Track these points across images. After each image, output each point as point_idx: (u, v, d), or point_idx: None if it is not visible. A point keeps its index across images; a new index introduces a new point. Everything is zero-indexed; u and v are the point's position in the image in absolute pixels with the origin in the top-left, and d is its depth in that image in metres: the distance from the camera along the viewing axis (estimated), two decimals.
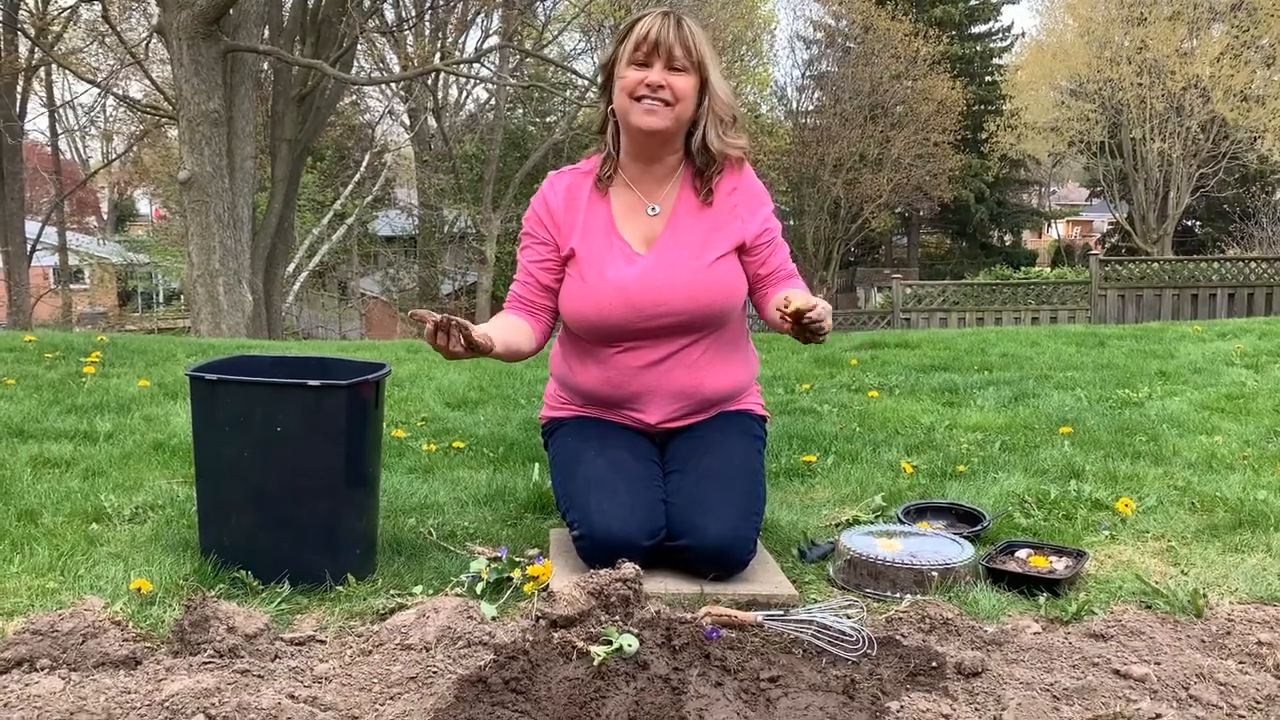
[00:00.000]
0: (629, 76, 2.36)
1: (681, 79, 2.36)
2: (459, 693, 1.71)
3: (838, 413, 4.18)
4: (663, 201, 2.47)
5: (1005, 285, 18.14)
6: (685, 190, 2.48)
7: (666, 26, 2.35)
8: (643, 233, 2.46)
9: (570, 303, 2.45)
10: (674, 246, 2.43)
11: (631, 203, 2.48)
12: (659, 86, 2.34)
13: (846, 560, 2.33)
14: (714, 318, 2.44)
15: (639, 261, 2.42)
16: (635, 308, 2.38)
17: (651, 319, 2.39)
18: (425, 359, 5.70)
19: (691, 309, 2.40)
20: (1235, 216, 27.12)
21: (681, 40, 2.35)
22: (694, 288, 2.39)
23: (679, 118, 2.38)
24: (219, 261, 10.84)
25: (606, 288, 2.40)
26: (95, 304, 32.64)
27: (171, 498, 2.82)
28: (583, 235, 2.45)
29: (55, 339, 5.96)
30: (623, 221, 2.46)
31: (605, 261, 2.42)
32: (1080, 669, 1.88)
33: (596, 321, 2.41)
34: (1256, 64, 25.40)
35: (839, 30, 29.93)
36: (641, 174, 2.47)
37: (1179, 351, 5.76)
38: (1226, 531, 2.63)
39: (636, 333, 2.41)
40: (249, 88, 12.03)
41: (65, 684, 1.74)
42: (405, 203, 30.52)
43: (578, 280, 2.44)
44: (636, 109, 2.36)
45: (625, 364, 2.44)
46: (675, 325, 2.40)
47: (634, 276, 2.40)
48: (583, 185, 2.50)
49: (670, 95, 2.35)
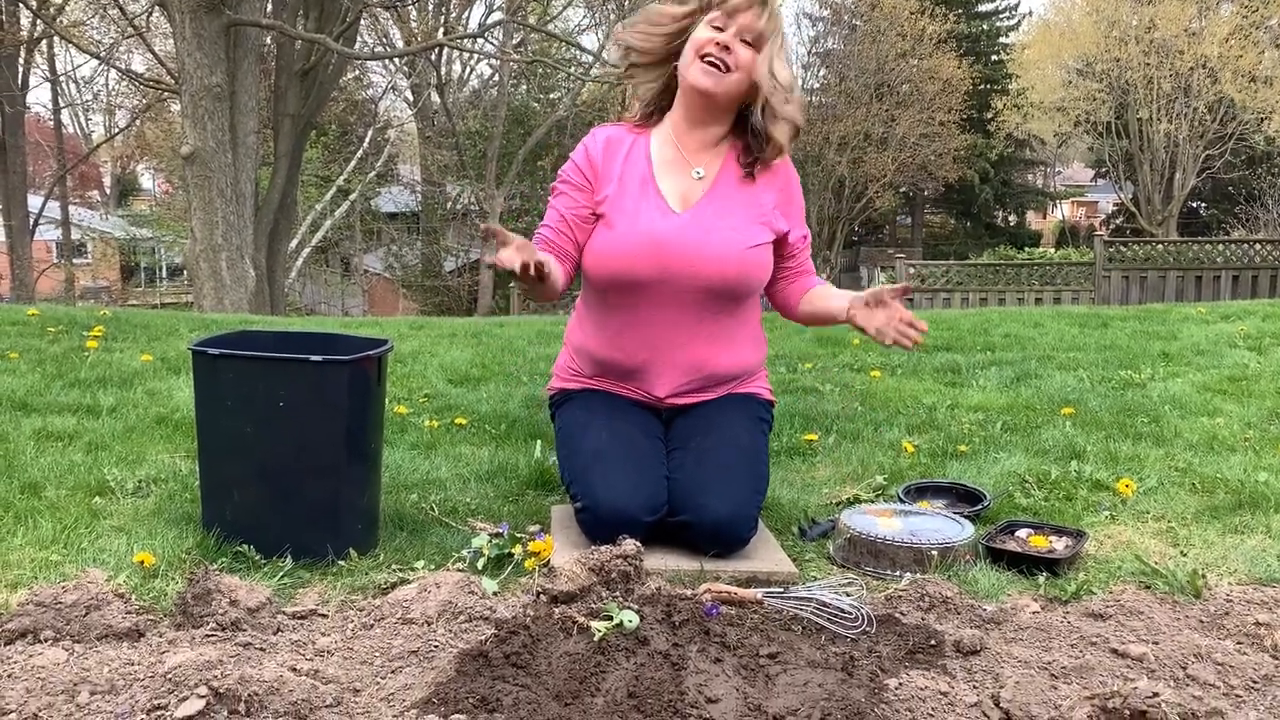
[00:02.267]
0: (703, 34, 2.38)
1: (749, 53, 2.38)
2: (460, 666, 1.72)
3: (840, 392, 4.18)
4: (706, 165, 2.48)
5: (1009, 266, 18.09)
6: (730, 163, 2.49)
7: (755, 8, 2.38)
8: (681, 191, 2.46)
9: (597, 252, 2.43)
10: (713, 214, 2.43)
11: (675, 160, 2.48)
12: (726, 49, 2.35)
13: (847, 538, 2.34)
14: (738, 292, 2.45)
15: (674, 219, 2.42)
16: (662, 264, 2.38)
17: (676, 278, 2.39)
18: (428, 335, 5.71)
19: (718, 278, 2.40)
20: (1241, 198, 27.01)
21: (765, 26, 2.38)
22: (725, 259, 2.40)
23: (731, 87, 2.39)
24: (222, 237, 10.82)
25: (638, 238, 2.39)
26: (98, 278, 32.62)
27: (174, 472, 2.83)
28: (619, 183, 2.45)
29: (58, 313, 5.96)
30: (663, 176, 2.47)
31: (640, 212, 2.42)
32: (1078, 648, 1.89)
33: (622, 273, 2.40)
34: (1265, 44, 25.22)
35: (845, 7, 29.71)
36: (688, 134, 2.48)
37: (1182, 333, 5.75)
38: (1226, 513, 2.64)
39: (656, 294, 2.40)
40: (252, 62, 11.98)
41: (69, 655, 1.75)
42: (408, 179, 30.45)
43: (607, 229, 2.43)
44: (697, 66, 2.38)
45: (639, 331, 2.44)
46: (697, 291, 2.40)
47: (667, 232, 2.39)
48: (624, 138, 2.51)
49: (733, 61, 2.36)
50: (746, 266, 2.43)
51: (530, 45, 22.02)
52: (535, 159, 25.01)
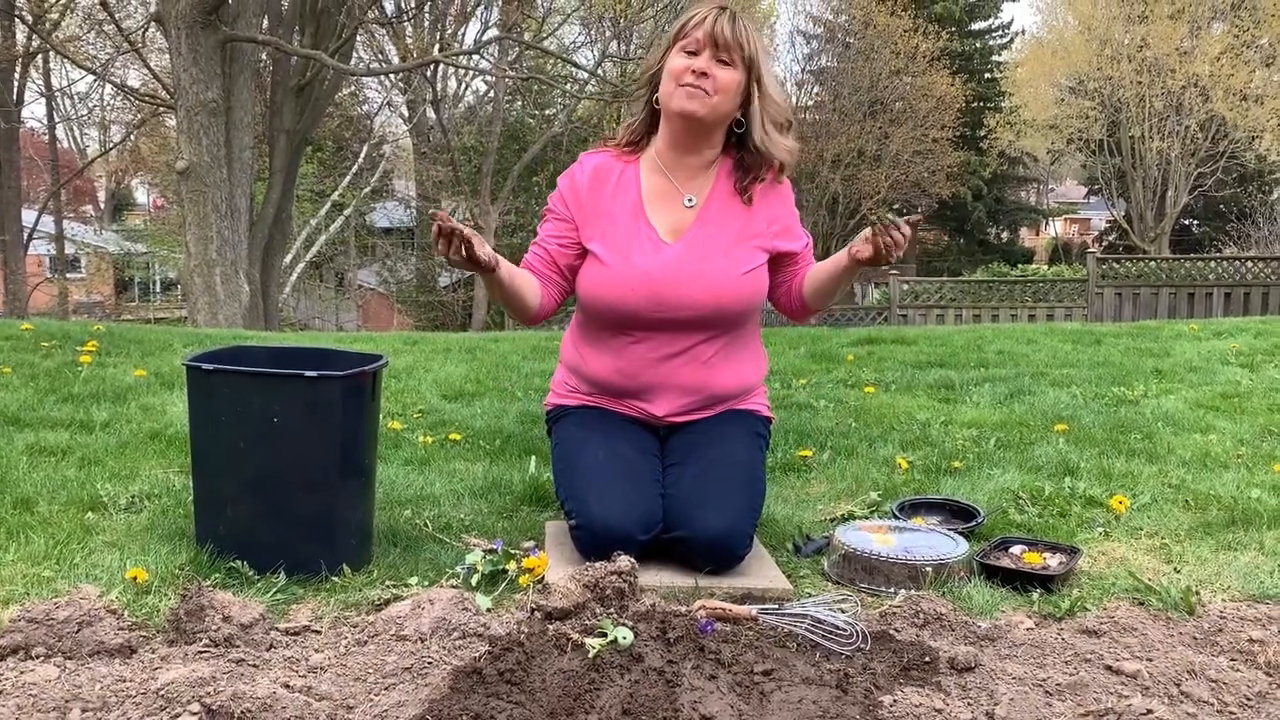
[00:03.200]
0: (677, 62, 2.38)
1: (726, 73, 2.37)
2: (454, 683, 1.71)
3: (834, 408, 4.19)
4: (697, 193, 2.48)
5: (1002, 282, 18.15)
6: (720, 185, 2.49)
7: (721, 21, 2.37)
8: (672, 221, 2.46)
9: (590, 286, 2.44)
10: (704, 241, 2.43)
11: (665, 189, 2.48)
12: (703, 74, 2.35)
13: (841, 555, 2.34)
14: (733, 318, 2.45)
15: (665, 251, 2.42)
16: (658, 298, 2.38)
17: (672, 310, 2.39)
18: (422, 350, 5.70)
19: (714, 307, 2.40)
20: (1232, 216, 27.13)
21: (734, 35, 2.37)
22: (719, 287, 2.40)
23: (716, 109, 2.39)
24: (216, 251, 10.82)
25: (631, 274, 2.39)
26: (92, 293, 32.59)
27: (168, 487, 2.82)
28: (609, 217, 2.45)
29: (51, 328, 5.95)
30: (652, 207, 2.46)
31: (631, 247, 2.42)
32: (1073, 665, 1.89)
33: (616, 306, 2.41)
34: (1256, 63, 25.43)
35: (839, 26, 29.89)
36: (677, 162, 2.48)
37: (1175, 350, 5.77)
38: (1220, 529, 2.64)
39: (653, 323, 2.41)
40: (248, 77, 12.01)
41: (60, 672, 1.75)
42: (403, 194, 30.49)
43: (599, 264, 2.43)
44: (679, 93, 2.37)
45: (638, 354, 2.44)
46: (694, 320, 2.41)
47: (660, 266, 2.40)
48: (612, 166, 2.51)
49: (712, 86, 2.36)
50: (742, 293, 2.43)
51: (526, 62, 22.11)
52: (530, 175, 25.07)
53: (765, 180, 2.50)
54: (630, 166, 2.51)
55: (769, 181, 2.50)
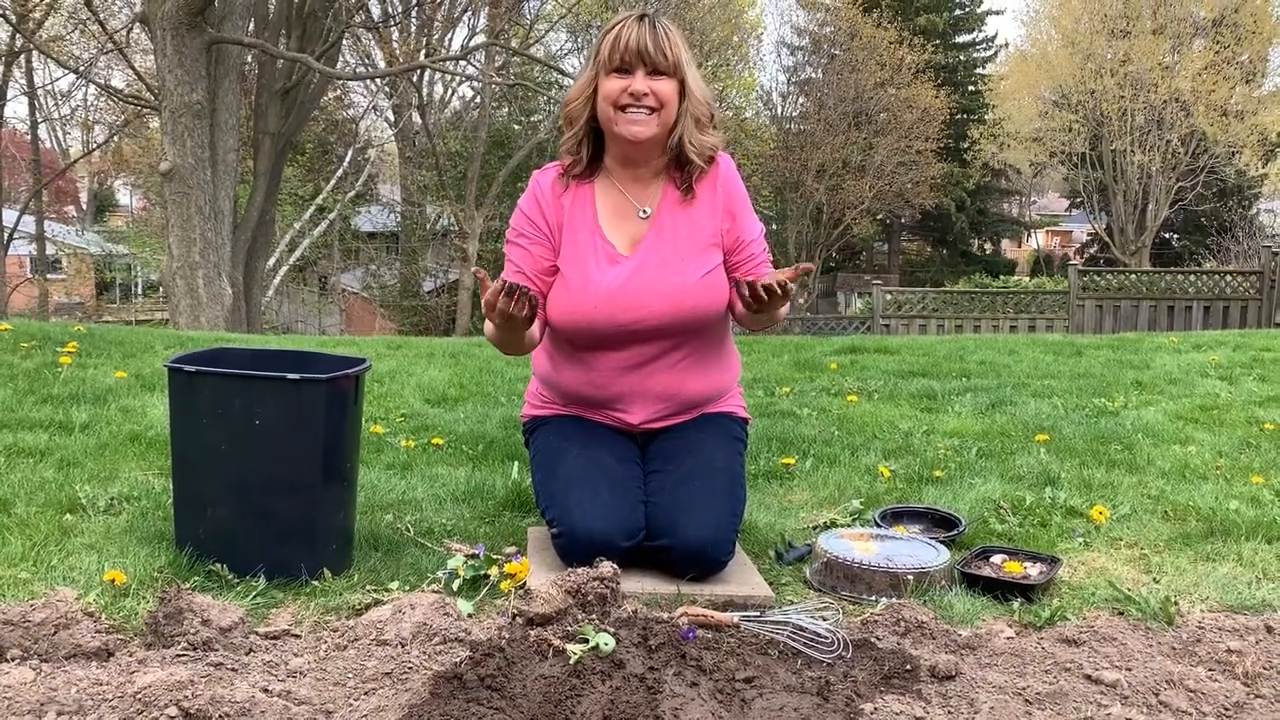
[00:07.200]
0: (612, 85, 2.34)
1: (664, 83, 2.35)
2: (434, 689, 1.71)
3: (817, 416, 4.20)
4: (649, 202, 2.46)
5: (984, 293, 18.23)
6: (668, 189, 2.47)
7: (645, 32, 2.33)
8: (629, 234, 2.45)
9: (557, 308, 2.43)
10: (658, 248, 2.42)
11: (619, 205, 2.46)
12: (643, 94, 2.33)
13: (823, 562, 2.34)
14: (697, 324, 2.43)
15: (623, 263, 2.41)
16: (618, 312, 2.37)
17: (634, 323, 2.38)
18: (405, 355, 5.69)
19: (674, 315, 2.39)
20: (1212, 230, 27.38)
21: (660, 45, 2.33)
22: (678, 295, 2.39)
23: (665, 123, 2.37)
24: (199, 254, 10.76)
25: (591, 291, 2.38)
26: (72, 294, 32.33)
27: (147, 489, 2.80)
28: (570, 232, 2.44)
29: (31, 328, 5.90)
30: (609, 223, 2.45)
31: (589, 264, 2.41)
32: (1052, 674, 1.90)
33: (584, 326, 2.40)
34: (1237, 79, 25.68)
35: (824, 37, 30.02)
36: (628, 177, 2.46)
37: (1155, 362, 5.81)
38: (1198, 540, 2.66)
39: (620, 336, 2.40)
40: (233, 80, 11.96)
41: (36, 674, 1.73)
42: (388, 199, 30.40)
43: (564, 285, 2.42)
44: (622, 119, 2.35)
45: (608, 366, 2.43)
46: (658, 329, 2.40)
47: (617, 280, 2.38)
48: (567, 184, 2.48)
49: (654, 101, 2.34)
50: (701, 299, 2.41)
51: (512, 68, 22.10)
52: (515, 181, 25.01)
53: (704, 174, 2.45)
54: (585, 185, 2.48)
55: (712, 173, 2.46)
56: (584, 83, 2.42)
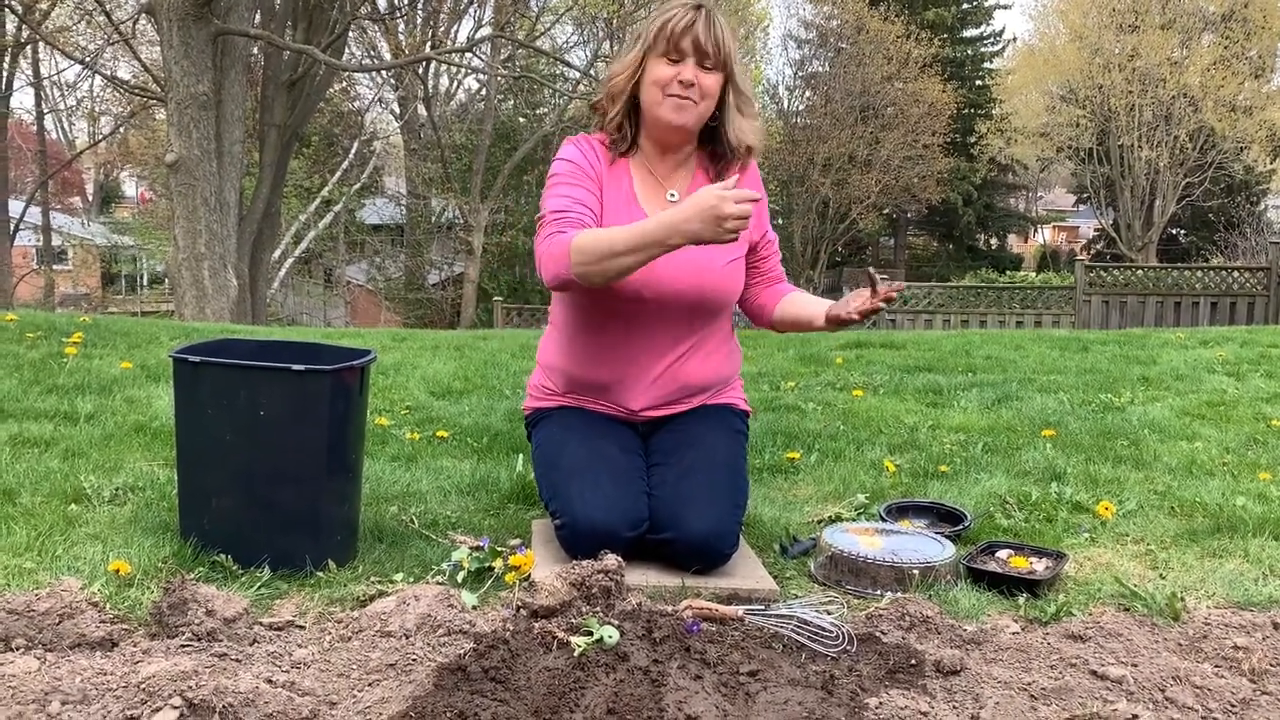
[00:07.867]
0: (661, 71, 2.36)
1: (711, 78, 2.37)
2: (438, 680, 1.70)
3: (822, 410, 4.19)
4: (678, 186, 2.49)
5: (990, 289, 18.18)
6: (698, 177, 2.51)
7: (700, 25, 2.34)
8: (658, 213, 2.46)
9: None
10: None
11: (650, 185, 2.49)
12: (690, 84, 2.35)
13: (828, 557, 2.34)
14: (714, 306, 2.47)
15: None
16: (647, 284, 2.37)
17: (659, 296, 2.39)
18: (410, 347, 5.69)
19: (697, 294, 2.42)
20: (1220, 226, 27.28)
21: (715, 38, 2.35)
22: (704, 274, 2.42)
23: (703, 115, 2.41)
24: (205, 245, 10.77)
25: None
26: (78, 285, 32.42)
27: (152, 480, 2.80)
28: (608, 196, 2.45)
29: (37, 319, 5.91)
30: (643, 198, 2.47)
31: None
32: (1058, 669, 1.89)
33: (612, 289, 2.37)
34: (1245, 75, 25.58)
35: (832, 31, 29.94)
36: (658, 160, 2.49)
37: (1161, 358, 5.80)
38: (1205, 536, 2.65)
39: (638, 310, 2.40)
40: (239, 71, 11.96)
41: (41, 664, 1.73)
42: (393, 191, 30.42)
43: None
44: (667, 104, 2.37)
45: (616, 345, 2.44)
46: (678, 305, 2.42)
47: None
48: (604, 153, 2.50)
49: (699, 94, 2.36)
50: (723, 280, 2.46)
51: (518, 61, 22.09)
52: (520, 173, 25.04)
53: (735, 166, 2.50)
54: (621, 159, 2.51)
55: (739, 167, 2.51)
56: (630, 61, 2.43)
